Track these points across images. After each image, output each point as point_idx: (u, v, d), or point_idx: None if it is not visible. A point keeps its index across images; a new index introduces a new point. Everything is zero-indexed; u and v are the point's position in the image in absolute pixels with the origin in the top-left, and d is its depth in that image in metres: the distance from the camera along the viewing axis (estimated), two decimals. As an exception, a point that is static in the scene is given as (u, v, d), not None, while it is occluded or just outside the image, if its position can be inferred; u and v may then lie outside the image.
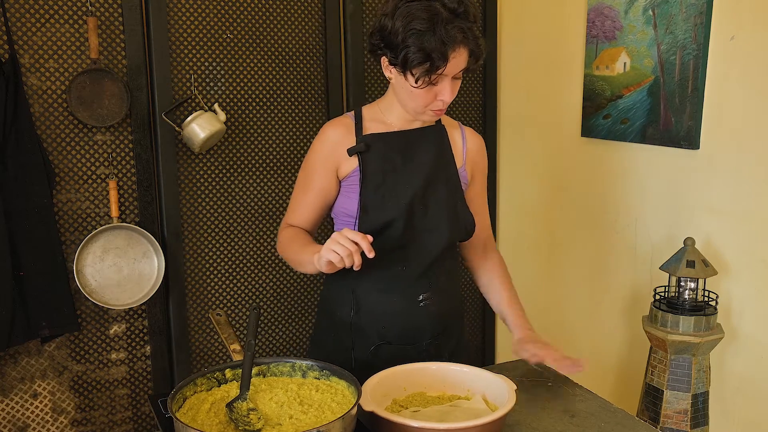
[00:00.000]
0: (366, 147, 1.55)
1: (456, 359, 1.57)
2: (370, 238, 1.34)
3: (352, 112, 1.61)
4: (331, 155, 1.57)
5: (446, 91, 1.45)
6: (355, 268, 1.35)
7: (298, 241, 1.55)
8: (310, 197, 1.61)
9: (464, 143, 1.66)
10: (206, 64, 2.38)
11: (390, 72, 1.49)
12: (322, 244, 1.39)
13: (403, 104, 1.53)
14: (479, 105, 2.92)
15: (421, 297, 1.58)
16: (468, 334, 3.06)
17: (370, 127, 1.58)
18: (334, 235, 1.36)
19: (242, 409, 1.23)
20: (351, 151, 1.55)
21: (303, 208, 1.62)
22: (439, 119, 1.64)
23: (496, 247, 1.81)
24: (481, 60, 1.46)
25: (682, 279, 2.00)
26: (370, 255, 1.33)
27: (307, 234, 1.61)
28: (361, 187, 1.54)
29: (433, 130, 1.62)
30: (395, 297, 1.58)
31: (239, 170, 2.48)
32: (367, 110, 1.61)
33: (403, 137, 1.58)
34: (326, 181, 1.59)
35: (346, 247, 1.32)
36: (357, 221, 1.55)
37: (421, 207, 1.57)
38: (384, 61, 1.48)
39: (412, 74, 1.42)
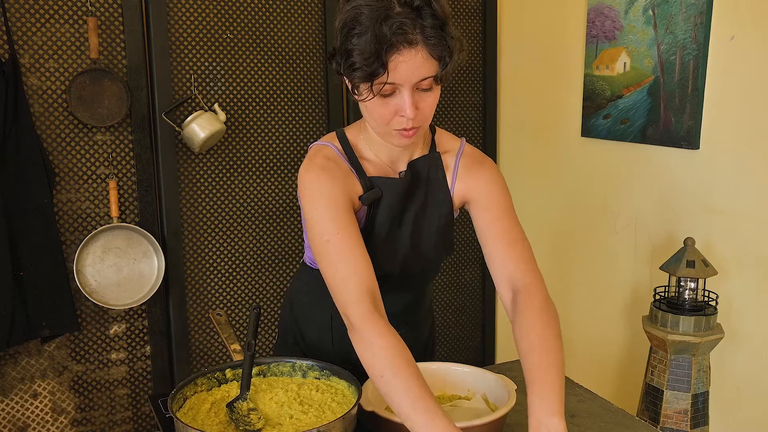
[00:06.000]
0: (380, 193, 1.31)
1: None
2: None
3: (337, 143, 1.34)
4: (347, 188, 1.28)
5: (405, 104, 1.16)
6: None
7: (409, 379, 1.09)
8: (356, 239, 1.22)
9: (455, 171, 1.39)
10: (206, 64, 2.38)
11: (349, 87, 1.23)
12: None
13: (369, 125, 1.28)
14: (479, 105, 2.92)
15: (402, 330, 1.35)
16: (467, 334, 3.06)
17: (370, 168, 1.34)
18: None
19: (243, 409, 1.23)
20: (366, 200, 1.30)
21: (361, 257, 1.21)
22: (435, 145, 1.39)
23: (542, 293, 1.28)
24: (450, 66, 1.17)
25: (682, 279, 2.00)
26: None
27: (415, 366, 1.13)
28: (364, 238, 1.27)
29: (428, 161, 1.37)
30: None
31: (239, 170, 2.48)
32: (351, 137, 1.36)
33: (405, 182, 1.34)
34: (353, 216, 1.26)
35: None
36: None
37: (415, 254, 1.39)
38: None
39: (355, 83, 1.17)
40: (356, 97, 1.21)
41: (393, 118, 1.20)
